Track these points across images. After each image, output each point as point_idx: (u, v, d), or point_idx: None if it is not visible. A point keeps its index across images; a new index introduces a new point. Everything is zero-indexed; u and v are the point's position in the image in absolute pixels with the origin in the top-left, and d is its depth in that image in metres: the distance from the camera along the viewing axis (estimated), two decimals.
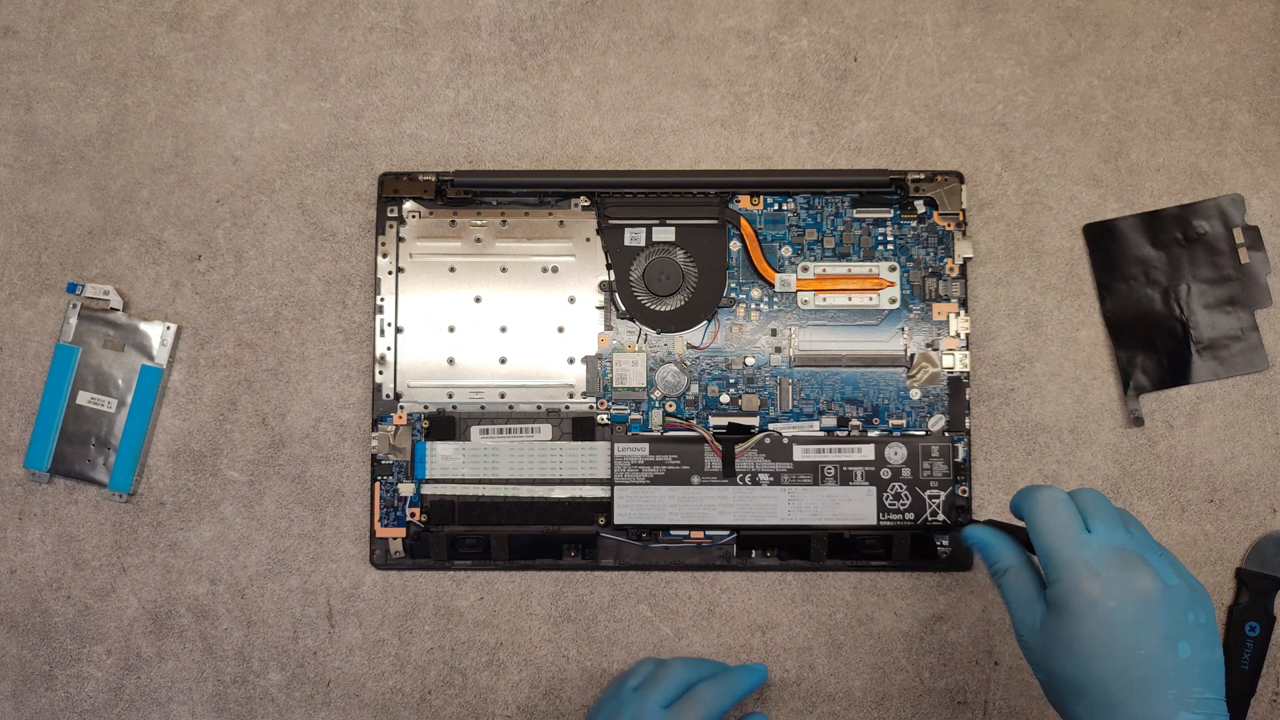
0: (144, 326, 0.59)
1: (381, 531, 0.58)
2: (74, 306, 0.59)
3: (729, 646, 0.58)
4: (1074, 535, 0.44)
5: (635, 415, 0.58)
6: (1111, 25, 0.60)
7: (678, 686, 0.53)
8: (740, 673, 0.55)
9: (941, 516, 0.57)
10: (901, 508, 0.57)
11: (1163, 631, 0.42)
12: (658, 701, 0.52)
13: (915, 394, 0.58)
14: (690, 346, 0.59)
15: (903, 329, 0.58)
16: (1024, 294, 0.59)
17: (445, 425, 0.58)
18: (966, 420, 0.58)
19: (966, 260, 0.59)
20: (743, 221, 0.59)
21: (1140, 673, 0.41)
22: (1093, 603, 0.42)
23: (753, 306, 0.59)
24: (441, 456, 0.58)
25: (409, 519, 0.58)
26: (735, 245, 0.59)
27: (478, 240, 0.59)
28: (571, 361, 0.59)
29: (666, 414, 0.58)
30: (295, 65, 0.61)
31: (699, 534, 0.58)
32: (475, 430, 0.58)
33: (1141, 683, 0.41)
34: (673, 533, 0.58)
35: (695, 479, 0.58)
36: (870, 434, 0.58)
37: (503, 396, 0.58)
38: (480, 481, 0.58)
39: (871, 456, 0.57)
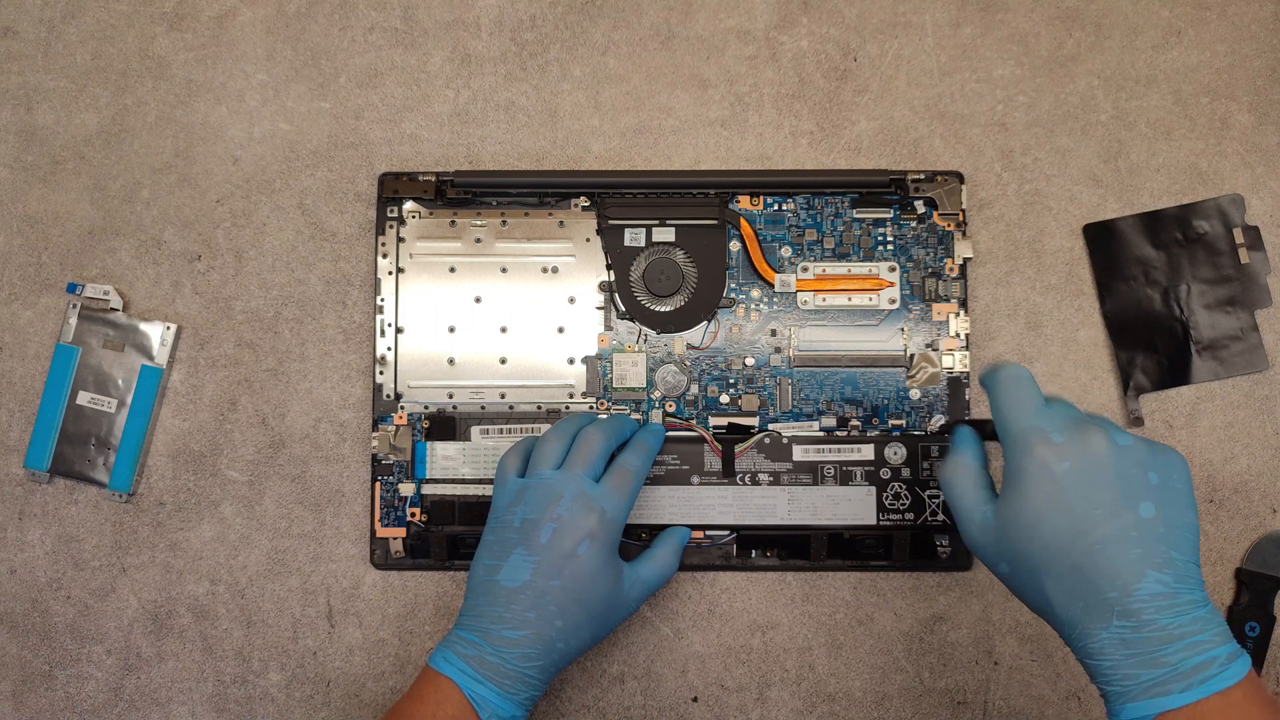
0: (144, 326, 0.59)
1: (382, 531, 0.58)
2: (74, 306, 0.59)
3: (729, 647, 0.58)
4: (1032, 405, 0.44)
5: (635, 415, 0.58)
6: (1111, 25, 0.60)
7: (602, 457, 0.52)
8: (647, 434, 0.55)
9: (941, 516, 0.57)
10: (901, 508, 0.57)
11: (1119, 491, 0.41)
12: (591, 476, 0.51)
13: (915, 394, 0.58)
14: (690, 347, 0.59)
15: (902, 329, 0.58)
16: (1024, 294, 0.59)
17: (445, 425, 0.58)
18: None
19: (966, 260, 0.59)
20: (743, 221, 0.59)
21: (1100, 534, 0.41)
22: (1045, 466, 0.42)
23: (753, 307, 0.59)
24: (442, 456, 0.58)
25: (409, 519, 0.58)
26: (735, 245, 0.59)
27: (478, 240, 0.59)
28: (571, 361, 0.59)
29: (666, 414, 0.58)
30: (295, 65, 0.61)
31: (699, 534, 0.58)
32: (475, 430, 0.58)
33: (1103, 544, 0.41)
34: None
35: (695, 479, 0.58)
36: (870, 434, 0.58)
37: (503, 396, 0.58)
38: (480, 481, 0.58)
39: (871, 456, 0.58)
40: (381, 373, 0.59)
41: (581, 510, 0.50)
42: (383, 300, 0.59)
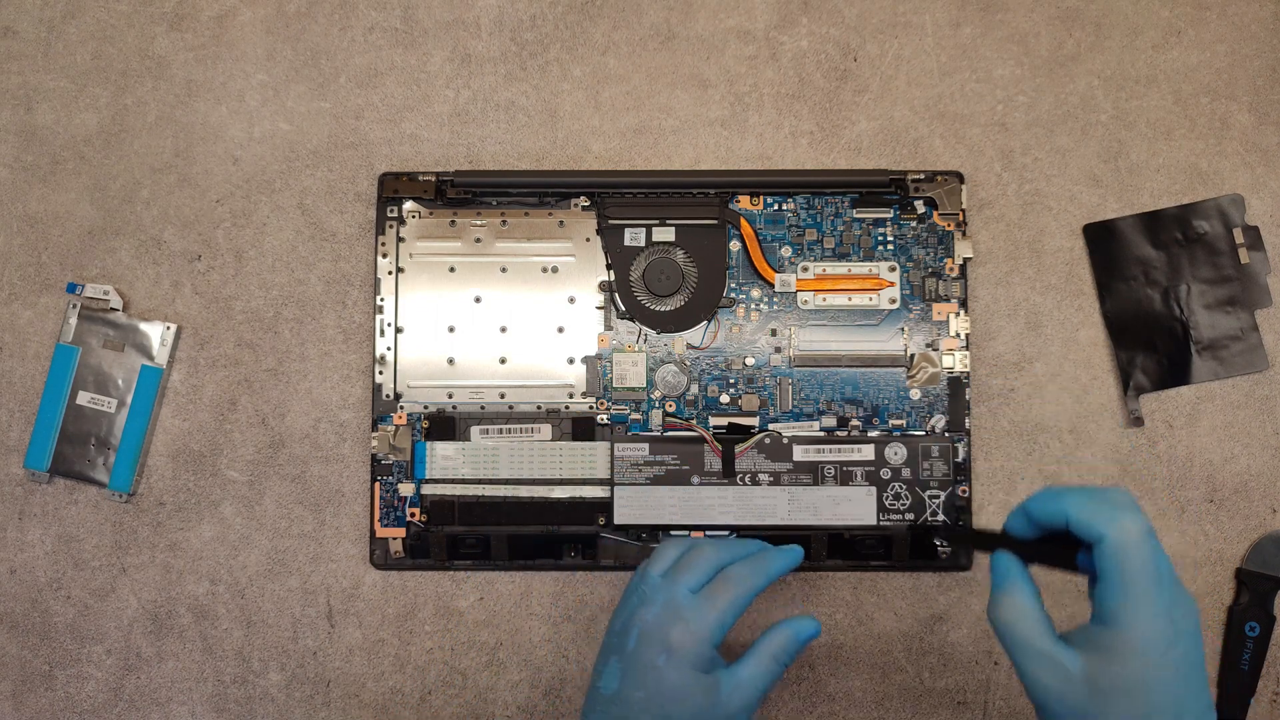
0: (144, 326, 0.59)
1: (381, 531, 0.58)
2: (74, 306, 0.59)
3: (728, 646, 0.58)
4: (1159, 574, 0.39)
5: (635, 415, 0.58)
6: (1111, 25, 0.60)
7: (708, 569, 0.49)
8: (774, 553, 0.51)
9: (941, 517, 0.57)
10: (901, 508, 0.57)
11: (1200, 664, 0.40)
12: (688, 585, 0.48)
13: (915, 394, 0.58)
14: (690, 346, 0.59)
15: (903, 329, 0.58)
16: (1024, 294, 0.59)
17: (445, 425, 0.58)
18: (966, 420, 0.58)
19: (966, 260, 0.59)
20: (743, 221, 0.59)
21: (1197, 709, 0.40)
22: (1167, 649, 0.39)
23: (753, 306, 0.59)
24: (441, 456, 0.58)
25: (409, 519, 0.58)
26: (735, 245, 0.59)
27: (478, 240, 0.59)
28: (571, 361, 0.59)
29: (666, 414, 0.58)
30: (295, 65, 0.61)
31: (699, 534, 0.58)
32: (475, 430, 0.58)
33: (1195, 716, 0.40)
34: (673, 533, 0.58)
35: (695, 479, 0.58)
36: (870, 434, 0.58)
37: (503, 396, 0.58)
38: (480, 481, 0.58)
39: (871, 456, 0.57)
40: (381, 373, 0.59)
41: (666, 619, 0.47)
42: (382, 300, 0.59)
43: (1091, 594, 0.41)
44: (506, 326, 0.59)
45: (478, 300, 0.59)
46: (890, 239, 0.59)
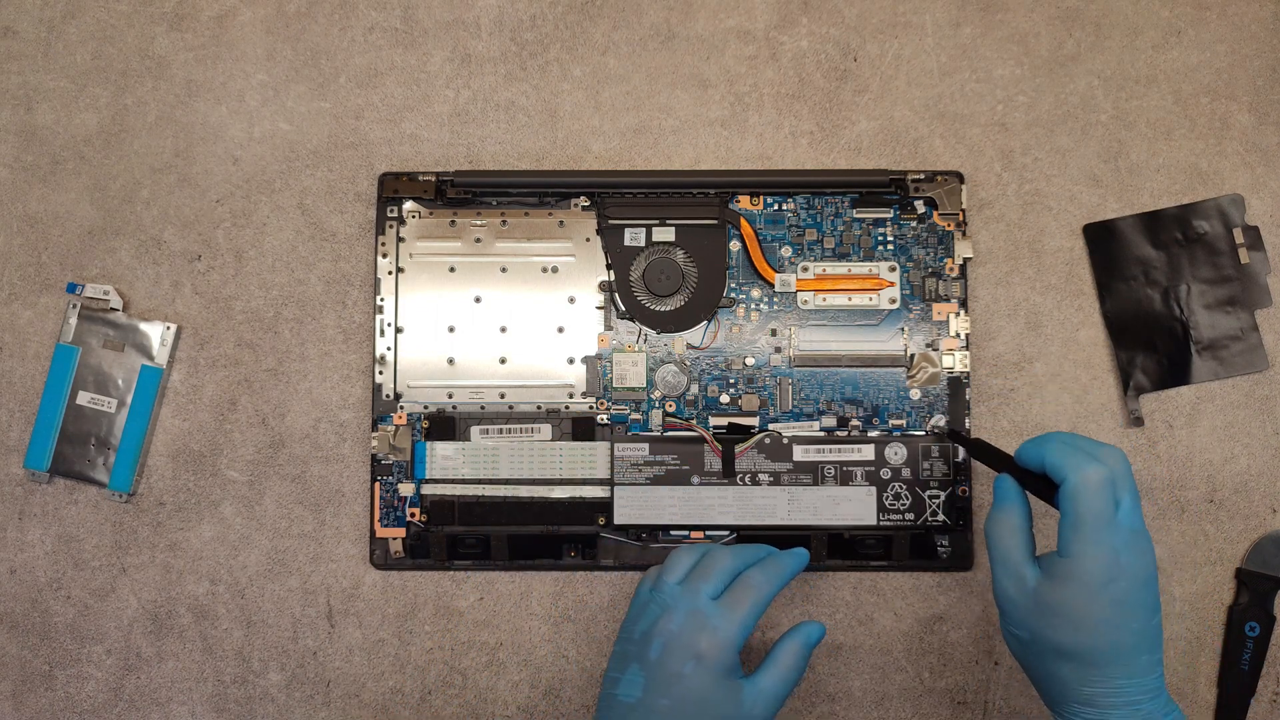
0: (144, 326, 0.59)
1: (381, 531, 0.58)
2: (74, 306, 0.59)
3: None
4: (1109, 517, 0.45)
5: (635, 415, 0.58)
6: (1111, 25, 0.60)
7: (725, 576, 0.50)
8: (784, 556, 0.53)
9: (941, 517, 0.57)
10: (901, 508, 0.57)
11: (1152, 605, 0.45)
12: (708, 593, 0.49)
13: (915, 394, 0.58)
14: (690, 346, 0.59)
15: (903, 329, 0.58)
16: (1024, 294, 0.59)
17: (445, 425, 0.58)
18: (966, 420, 0.58)
19: (966, 260, 0.59)
20: (743, 221, 0.59)
21: (1130, 641, 0.45)
22: (1106, 584, 0.45)
23: (753, 306, 0.59)
24: (441, 456, 0.58)
25: (409, 519, 0.58)
26: (735, 245, 0.59)
27: (478, 240, 0.59)
28: (571, 361, 0.59)
29: (666, 414, 0.58)
30: (295, 65, 0.61)
31: (699, 534, 0.58)
32: (475, 430, 0.58)
33: (1130, 649, 0.45)
34: (673, 533, 0.58)
35: (695, 479, 0.58)
36: (870, 434, 0.58)
37: (503, 396, 0.58)
38: (480, 481, 0.58)
39: (871, 457, 0.58)
40: (381, 373, 0.59)
41: (691, 628, 0.48)
42: (382, 300, 0.59)
43: (1059, 526, 0.46)
44: (506, 326, 0.59)
45: (478, 300, 0.59)
46: (890, 239, 0.59)
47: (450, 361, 0.59)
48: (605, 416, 0.58)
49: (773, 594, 0.51)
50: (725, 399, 0.58)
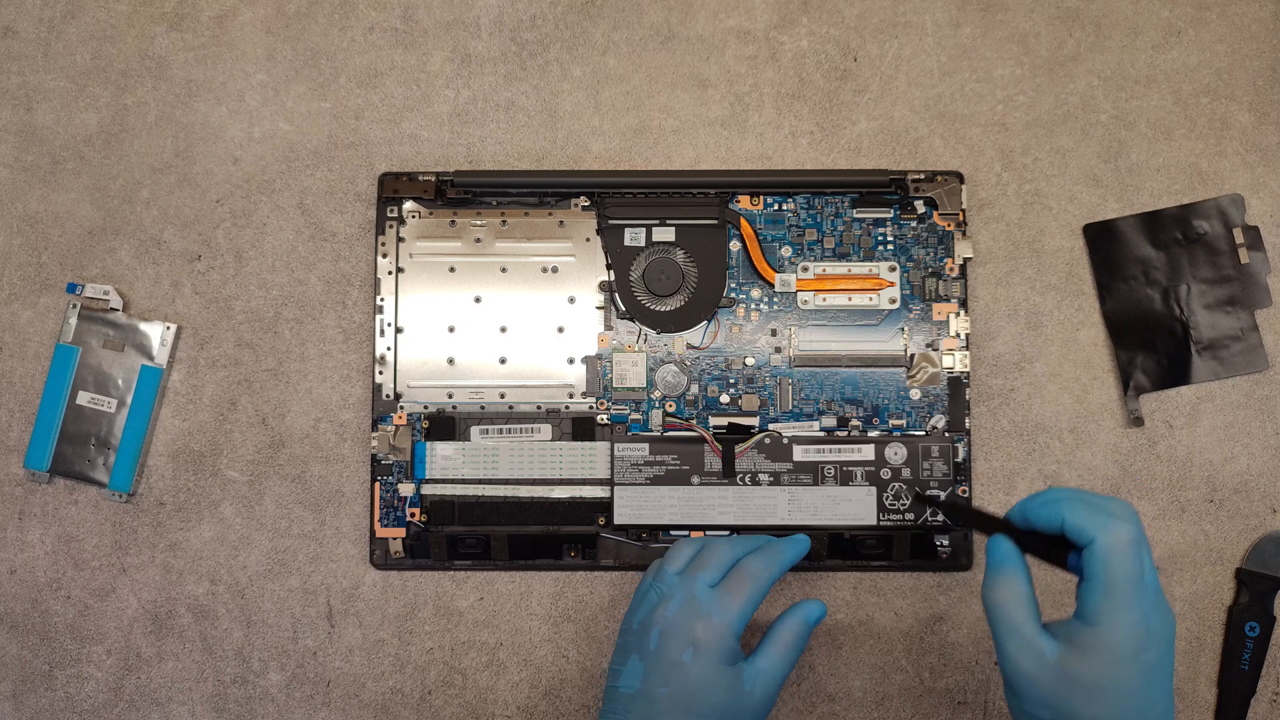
0: (144, 326, 0.59)
1: (381, 531, 0.58)
2: (74, 306, 0.59)
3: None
4: (1139, 581, 0.41)
5: (635, 415, 0.58)
6: (1111, 25, 0.60)
7: (723, 564, 0.50)
8: (784, 544, 0.53)
9: (941, 517, 0.57)
10: (901, 508, 0.57)
11: (1172, 671, 0.43)
12: (706, 581, 0.49)
13: (915, 394, 0.58)
14: (690, 346, 0.59)
15: (903, 329, 0.58)
16: (1024, 294, 0.59)
17: (445, 425, 0.58)
18: (966, 420, 0.58)
19: (966, 260, 0.59)
20: (743, 221, 0.59)
21: (1159, 710, 0.42)
22: (1138, 653, 0.41)
23: (753, 306, 0.59)
24: (441, 456, 0.58)
25: (409, 519, 0.58)
26: (735, 245, 0.59)
27: (478, 240, 0.59)
28: (571, 361, 0.59)
29: (666, 414, 0.58)
30: (295, 65, 0.61)
31: (699, 534, 0.58)
32: (475, 430, 0.58)
33: (1150, 714, 0.42)
34: (673, 533, 0.58)
35: (695, 479, 0.58)
36: (870, 434, 0.58)
37: (503, 396, 0.58)
38: (480, 481, 0.58)
39: (871, 456, 0.58)
40: (381, 373, 0.59)
41: (687, 615, 0.48)
42: (382, 300, 0.59)
43: (1079, 593, 0.43)
44: (506, 326, 0.59)
45: (478, 300, 0.59)
46: (890, 239, 0.59)
47: (450, 361, 0.59)
48: (605, 416, 0.58)
49: (771, 580, 0.50)
50: (725, 399, 0.58)
